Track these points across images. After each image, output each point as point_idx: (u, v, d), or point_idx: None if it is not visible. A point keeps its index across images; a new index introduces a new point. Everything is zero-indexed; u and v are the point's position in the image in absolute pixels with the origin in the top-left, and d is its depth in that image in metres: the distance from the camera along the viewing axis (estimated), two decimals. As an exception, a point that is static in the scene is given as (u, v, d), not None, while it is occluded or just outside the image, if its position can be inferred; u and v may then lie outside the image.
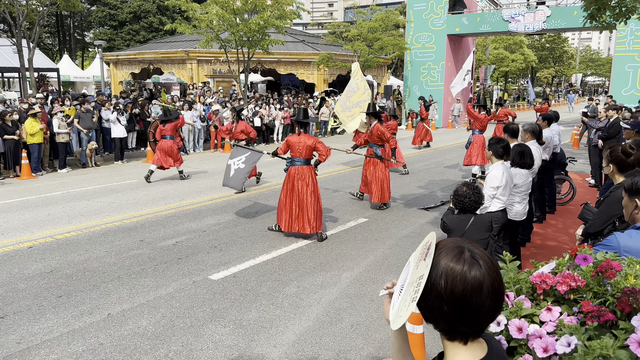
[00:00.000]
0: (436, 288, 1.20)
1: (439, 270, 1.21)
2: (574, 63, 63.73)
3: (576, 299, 1.68)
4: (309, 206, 7.36)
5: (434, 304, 1.21)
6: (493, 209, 5.17)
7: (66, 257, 6.67)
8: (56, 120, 13.26)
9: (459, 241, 1.28)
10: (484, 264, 1.21)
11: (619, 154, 3.83)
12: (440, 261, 1.22)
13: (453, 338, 1.26)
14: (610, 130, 9.93)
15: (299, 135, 7.44)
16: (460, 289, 1.18)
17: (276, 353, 4.38)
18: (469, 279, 1.18)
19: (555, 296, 1.73)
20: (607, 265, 1.64)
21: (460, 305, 1.19)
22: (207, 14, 18.83)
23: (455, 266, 1.20)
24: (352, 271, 6.28)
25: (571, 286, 1.66)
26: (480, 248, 1.27)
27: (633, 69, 21.46)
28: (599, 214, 3.88)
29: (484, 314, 1.21)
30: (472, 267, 1.19)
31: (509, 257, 1.93)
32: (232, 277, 6.01)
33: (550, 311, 1.66)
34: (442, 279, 1.20)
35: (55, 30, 44.59)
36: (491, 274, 1.20)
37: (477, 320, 1.21)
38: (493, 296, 1.20)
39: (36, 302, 5.29)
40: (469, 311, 1.19)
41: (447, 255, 1.23)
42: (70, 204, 9.60)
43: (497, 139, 5.24)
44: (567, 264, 1.87)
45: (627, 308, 1.52)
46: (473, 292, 1.18)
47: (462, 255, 1.22)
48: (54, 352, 4.34)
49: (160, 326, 4.81)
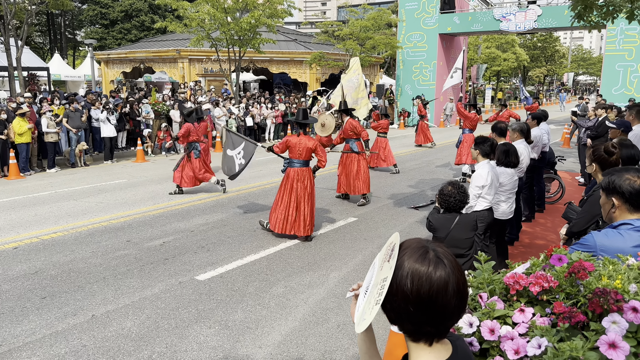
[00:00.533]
0: (402, 289, 1.18)
1: (404, 271, 1.19)
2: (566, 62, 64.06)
3: (549, 299, 1.66)
4: (306, 209, 7.33)
5: (399, 305, 1.19)
6: (479, 208, 5.17)
7: (52, 257, 6.60)
8: (45, 120, 13.15)
9: (422, 241, 1.27)
10: (448, 263, 1.20)
11: (602, 153, 3.83)
12: (405, 262, 1.21)
13: (418, 339, 1.25)
14: (599, 129, 9.96)
15: (299, 136, 7.38)
16: (427, 289, 1.17)
17: (261, 354, 4.35)
18: (434, 279, 1.17)
19: (528, 297, 1.72)
20: (579, 265, 1.62)
21: (427, 306, 1.18)
22: (198, 12, 18.75)
23: (421, 267, 1.18)
24: (340, 271, 6.26)
25: (544, 287, 1.65)
26: (443, 247, 1.26)
27: (623, 68, 21.58)
28: (582, 213, 3.88)
29: (449, 313, 1.20)
30: (438, 267, 1.18)
31: (484, 257, 1.91)
32: (219, 278, 5.97)
33: (523, 312, 1.64)
34: (407, 279, 1.18)
35: (46, 29, 44.30)
36: (455, 273, 1.20)
37: (443, 320, 1.20)
38: (458, 295, 1.19)
39: (19, 304, 5.23)
40: (435, 311, 1.18)
41: (412, 255, 1.21)
42: (57, 204, 9.52)
43: (483, 138, 5.23)
44: (541, 265, 1.85)
45: (598, 309, 1.50)
46: (439, 292, 1.17)
47: (426, 255, 1.21)
48: (36, 354, 4.29)
49: (145, 327, 4.76)
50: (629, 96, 20.52)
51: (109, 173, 12.97)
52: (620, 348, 1.39)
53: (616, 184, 2.29)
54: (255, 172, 12.93)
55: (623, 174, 2.29)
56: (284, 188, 7.44)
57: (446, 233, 4.27)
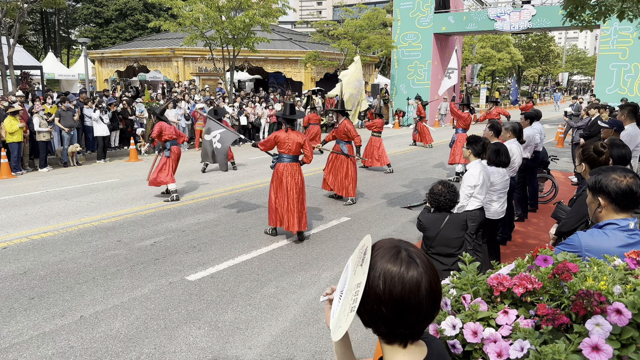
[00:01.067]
0: (374, 290, 1.16)
1: (376, 272, 1.17)
2: (560, 62, 64.24)
3: (533, 301, 1.64)
4: (297, 204, 7.28)
5: (372, 307, 1.17)
6: (470, 207, 5.15)
7: (41, 257, 6.54)
8: (37, 119, 13.06)
9: (395, 241, 1.25)
10: (420, 263, 1.18)
11: (591, 153, 3.82)
12: (377, 262, 1.18)
13: (392, 341, 1.23)
14: (591, 129, 9.97)
15: (287, 131, 7.34)
16: (399, 289, 1.14)
17: (251, 355, 4.31)
18: (406, 279, 1.15)
19: (513, 298, 1.69)
20: (563, 267, 1.60)
21: (400, 307, 1.16)
22: (192, 11, 18.67)
23: (393, 267, 1.16)
24: (332, 271, 6.23)
25: (528, 288, 1.62)
26: (415, 246, 1.24)
27: (617, 68, 21.64)
28: (571, 213, 3.86)
29: (422, 314, 1.18)
30: (410, 267, 1.16)
31: (469, 257, 1.88)
32: (210, 278, 5.93)
33: (506, 314, 1.62)
34: (380, 280, 1.16)
35: (39, 28, 44.05)
36: (428, 272, 1.18)
37: (416, 321, 1.18)
38: (430, 295, 1.17)
39: (7, 305, 5.18)
40: (408, 312, 1.16)
41: (384, 256, 1.19)
42: (48, 203, 9.45)
43: (475, 138, 5.21)
44: (526, 265, 1.82)
45: (582, 311, 1.48)
46: (411, 292, 1.15)
47: (399, 255, 1.19)
48: (22, 355, 4.23)
49: (134, 328, 4.72)
50: (623, 96, 20.59)
51: (101, 172, 12.89)
52: (604, 351, 1.37)
53: (602, 183, 2.27)
54: (248, 171, 12.91)
55: (610, 174, 2.26)
56: (274, 184, 7.35)
57: (436, 232, 4.25)
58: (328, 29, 27.89)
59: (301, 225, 7.30)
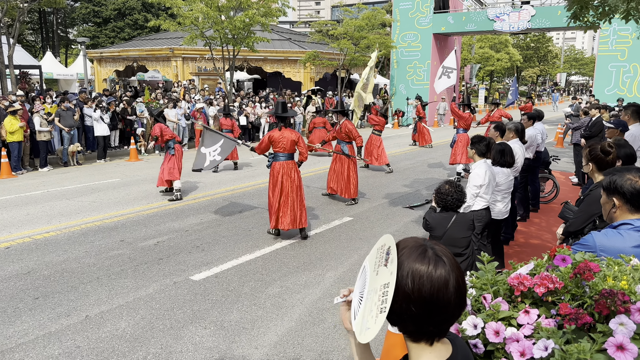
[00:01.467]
0: (403, 289, 1.17)
1: (404, 271, 1.18)
2: (559, 62, 64.34)
3: (554, 301, 1.64)
4: (295, 202, 7.29)
5: (401, 306, 1.17)
6: (476, 207, 5.16)
7: (44, 257, 6.53)
8: (37, 118, 13.04)
9: (419, 239, 1.26)
10: (447, 261, 1.19)
11: (598, 153, 3.83)
12: (404, 262, 1.19)
13: (418, 339, 1.24)
14: (592, 129, 9.99)
15: (281, 130, 7.32)
16: (428, 287, 1.16)
17: (257, 355, 4.31)
18: (435, 278, 1.16)
19: (533, 298, 1.70)
20: (585, 266, 1.61)
21: (429, 305, 1.17)
22: (192, 10, 18.65)
23: (421, 266, 1.17)
24: (336, 270, 6.23)
25: (549, 288, 1.62)
26: (440, 245, 1.25)
27: (616, 69, 21.69)
28: (579, 213, 3.87)
29: (450, 311, 1.19)
30: (438, 266, 1.17)
31: (487, 257, 1.89)
32: (214, 278, 5.93)
33: (528, 314, 1.62)
34: (408, 279, 1.17)
35: (38, 27, 43.94)
36: (455, 270, 1.19)
37: (444, 319, 1.20)
38: (458, 292, 1.19)
39: (12, 304, 5.17)
40: (437, 310, 1.17)
41: (411, 255, 1.20)
42: (50, 203, 9.43)
43: (479, 138, 5.22)
44: (545, 265, 1.83)
45: (605, 310, 1.48)
46: (440, 290, 1.16)
47: (425, 253, 1.20)
48: (29, 355, 4.23)
49: (139, 328, 4.72)
50: (622, 96, 20.65)
51: (101, 172, 12.87)
52: (629, 350, 1.38)
53: (617, 184, 2.28)
54: (249, 171, 12.91)
55: (624, 174, 2.27)
56: (271, 183, 7.35)
57: (443, 232, 4.26)
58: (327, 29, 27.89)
59: (302, 222, 7.32)
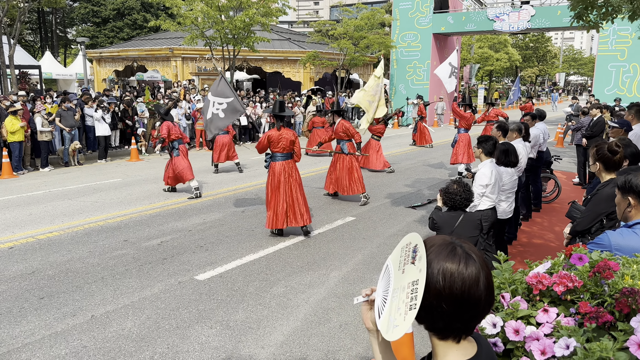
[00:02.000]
0: (434, 287, 1.18)
1: (434, 269, 1.18)
2: (557, 62, 64.45)
3: (573, 299, 1.65)
4: (299, 199, 7.31)
5: (432, 303, 1.18)
6: (482, 207, 5.17)
7: (48, 257, 6.53)
8: (38, 118, 13.02)
9: (446, 237, 1.26)
10: (477, 258, 1.20)
11: (605, 152, 3.84)
12: (433, 260, 1.20)
13: (446, 337, 1.24)
14: (594, 129, 10.02)
15: (279, 130, 7.29)
16: (459, 285, 1.16)
17: (264, 354, 4.32)
18: (466, 275, 1.17)
19: (551, 297, 1.71)
20: (604, 265, 1.61)
21: (460, 302, 1.17)
22: (192, 10, 18.64)
23: (452, 264, 1.18)
24: (340, 270, 6.24)
25: (568, 287, 1.63)
26: (468, 242, 1.25)
27: (616, 68, 21.73)
28: (586, 212, 3.88)
29: (480, 308, 1.20)
30: (468, 263, 1.18)
31: (504, 257, 1.89)
32: (219, 277, 5.93)
33: (546, 312, 1.63)
34: (439, 277, 1.18)
35: (36, 27, 43.87)
36: (484, 268, 1.20)
37: (474, 316, 1.21)
38: (488, 289, 1.20)
39: (17, 304, 5.17)
40: (468, 307, 1.18)
41: (440, 253, 1.20)
42: (52, 203, 9.43)
43: (486, 137, 5.23)
44: (562, 264, 1.84)
45: (626, 309, 1.49)
46: (471, 288, 1.17)
47: (455, 251, 1.20)
48: (36, 355, 4.23)
49: (145, 328, 4.72)
50: (621, 96, 20.68)
51: (103, 172, 12.86)
52: (651, 348, 1.38)
53: (633, 183, 2.29)
54: (250, 171, 12.92)
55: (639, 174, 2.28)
56: (271, 184, 7.33)
57: (450, 231, 4.27)
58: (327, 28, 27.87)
59: (305, 219, 7.35)
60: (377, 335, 1.39)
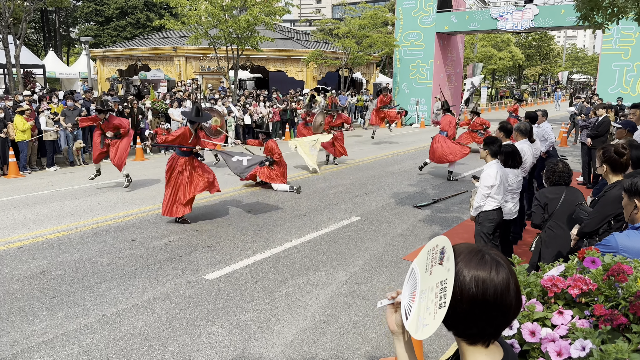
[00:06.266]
0: (468, 294, 1.21)
1: (466, 276, 1.22)
2: (560, 61, 64.34)
3: (587, 302, 1.69)
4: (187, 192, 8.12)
5: (466, 310, 1.22)
6: (488, 208, 5.21)
7: (58, 257, 6.59)
8: (44, 118, 13.09)
9: (472, 245, 1.30)
10: (506, 265, 1.24)
11: (612, 154, 3.88)
12: (464, 268, 1.23)
13: (475, 342, 1.27)
14: (599, 129, 10.04)
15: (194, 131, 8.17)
16: (492, 292, 1.20)
17: (274, 353, 4.37)
18: (497, 281, 1.21)
19: (565, 299, 1.75)
20: (618, 269, 1.66)
21: (493, 308, 1.21)
22: (196, 10, 18.70)
23: (483, 271, 1.22)
24: (347, 270, 6.29)
25: (583, 290, 1.68)
26: (493, 249, 1.30)
27: (619, 68, 21.72)
28: (594, 214, 3.92)
29: (511, 313, 1.24)
30: (499, 269, 1.22)
31: (518, 259, 1.94)
32: (227, 277, 5.99)
33: (562, 314, 1.67)
34: (472, 284, 1.21)
35: (40, 26, 43.96)
36: (512, 273, 1.24)
37: (505, 321, 1.25)
38: (517, 294, 1.24)
39: (29, 304, 5.23)
40: (500, 312, 1.22)
41: (470, 260, 1.24)
42: (59, 202, 9.49)
43: (492, 139, 5.27)
44: (575, 267, 1.88)
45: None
46: (503, 294, 1.21)
47: (484, 258, 1.24)
48: (49, 354, 4.29)
49: (156, 327, 4.78)
50: (625, 95, 20.67)
51: (108, 172, 12.88)
52: (665, 350, 1.43)
53: (639, 186, 2.33)
54: (255, 170, 12.94)
55: (647, 177, 2.33)
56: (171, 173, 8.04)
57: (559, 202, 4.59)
58: (330, 27, 27.91)
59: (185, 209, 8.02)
60: (402, 337, 1.44)
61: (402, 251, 7.00)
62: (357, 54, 24.86)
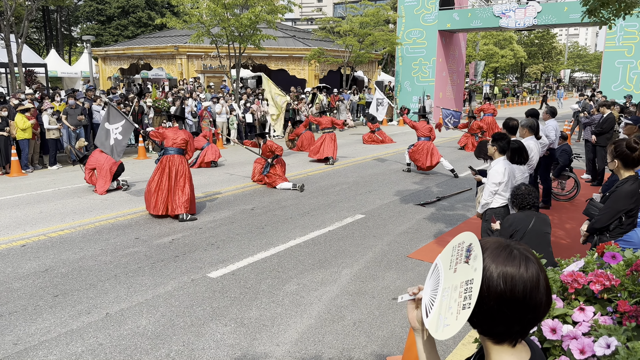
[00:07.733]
0: (495, 291, 1.15)
1: (492, 273, 1.15)
2: (563, 59, 64.19)
3: (610, 298, 1.64)
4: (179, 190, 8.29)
5: (492, 307, 1.15)
6: (495, 205, 5.16)
7: (61, 255, 6.55)
8: (46, 116, 13.05)
9: (500, 239, 1.23)
10: (534, 260, 1.18)
11: (624, 149, 3.82)
12: (491, 264, 1.17)
13: (502, 341, 1.21)
14: (604, 126, 9.98)
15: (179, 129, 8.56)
16: (521, 288, 1.14)
17: (279, 351, 4.32)
18: (526, 278, 1.15)
19: (586, 295, 1.70)
20: (642, 263, 1.61)
21: (521, 305, 1.15)
22: (198, 8, 18.64)
23: (511, 267, 1.15)
24: (352, 268, 6.24)
25: (605, 285, 1.62)
26: (522, 243, 1.23)
27: (623, 65, 21.63)
28: (605, 210, 3.87)
29: (541, 311, 1.18)
30: (528, 266, 1.16)
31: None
32: (231, 275, 5.94)
33: (583, 311, 1.62)
34: (500, 280, 1.15)
35: (41, 25, 43.97)
36: (542, 270, 1.18)
37: (534, 319, 1.18)
38: (547, 291, 1.18)
39: (32, 302, 5.19)
40: (529, 310, 1.16)
41: (498, 256, 1.17)
42: (62, 201, 9.45)
43: (500, 135, 5.21)
44: (595, 262, 1.83)
45: (666, 308, 1.48)
46: (532, 290, 1.14)
47: (512, 253, 1.18)
48: (53, 352, 4.25)
49: (160, 325, 4.73)
50: (629, 93, 20.57)
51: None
52: (694, 347, 1.37)
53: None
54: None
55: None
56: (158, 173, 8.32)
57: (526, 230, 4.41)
58: (332, 26, 27.83)
59: (185, 208, 8.13)
60: (423, 334, 1.38)
61: (407, 249, 6.95)
62: (359, 52, 24.79)
